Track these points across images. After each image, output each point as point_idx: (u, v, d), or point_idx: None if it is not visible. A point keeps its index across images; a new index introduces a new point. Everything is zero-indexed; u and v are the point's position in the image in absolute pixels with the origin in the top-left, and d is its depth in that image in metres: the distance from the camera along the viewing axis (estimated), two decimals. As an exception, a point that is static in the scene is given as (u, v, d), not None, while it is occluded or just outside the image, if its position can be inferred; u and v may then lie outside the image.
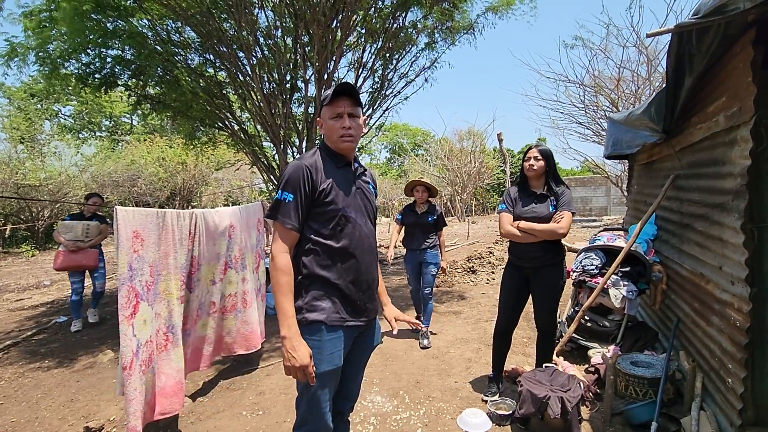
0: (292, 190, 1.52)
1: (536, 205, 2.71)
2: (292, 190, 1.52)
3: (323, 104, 1.63)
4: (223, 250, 3.13)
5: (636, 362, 2.81)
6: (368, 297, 1.68)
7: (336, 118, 1.60)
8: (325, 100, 1.62)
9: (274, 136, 6.26)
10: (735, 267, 2.06)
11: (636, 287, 3.17)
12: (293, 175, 1.53)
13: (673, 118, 2.73)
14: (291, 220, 1.53)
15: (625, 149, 4.11)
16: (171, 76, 5.62)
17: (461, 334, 4.25)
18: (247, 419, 2.76)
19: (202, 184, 16.37)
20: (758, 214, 2.05)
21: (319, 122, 1.68)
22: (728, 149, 2.18)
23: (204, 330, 3.04)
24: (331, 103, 1.59)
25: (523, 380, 2.50)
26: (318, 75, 6.01)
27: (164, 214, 2.53)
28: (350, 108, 1.60)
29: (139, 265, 2.32)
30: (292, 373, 1.46)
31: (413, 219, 4.05)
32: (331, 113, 1.60)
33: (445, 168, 20.46)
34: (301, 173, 1.53)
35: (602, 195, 19.93)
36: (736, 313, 2.05)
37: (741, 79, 1.99)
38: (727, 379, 2.15)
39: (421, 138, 31.10)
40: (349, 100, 1.60)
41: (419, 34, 6.89)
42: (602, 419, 2.54)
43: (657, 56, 8.77)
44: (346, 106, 1.59)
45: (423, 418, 2.69)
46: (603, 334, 3.41)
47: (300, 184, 1.52)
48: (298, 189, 1.52)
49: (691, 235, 2.74)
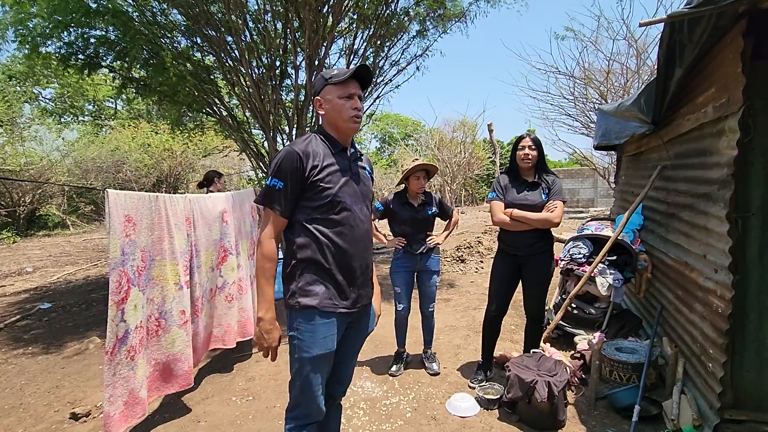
0: (282, 176, 1.51)
1: (528, 193, 2.73)
2: (283, 176, 1.51)
3: (328, 82, 1.56)
4: (218, 236, 3.10)
5: (620, 348, 2.88)
6: (362, 283, 1.68)
7: (347, 99, 1.56)
8: (331, 78, 1.57)
9: (264, 123, 6.16)
10: (719, 255, 2.11)
11: (622, 276, 3.23)
12: (285, 162, 1.51)
13: (662, 109, 2.76)
14: (281, 206, 1.52)
15: (614, 140, 4.15)
16: (157, 58, 5.45)
17: (450, 322, 4.29)
18: (236, 405, 2.76)
19: (189, 171, 16.10)
20: (743, 203, 2.10)
21: (319, 101, 1.60)
22: (716, 140, 2.21)
23: (207, 318, 3.03)
24: (343, 83, 1.55)
25: (511, 365, 2.54)
26: (309, 61, 5.91)
27: (157, 197, 2.49)
28: (359, 90, 1.60)
29: (131, 250, 2.29)
30: (261, 349, 1.57)
31: (409, 214, 3.06)
32: (341, 92, 1.56)
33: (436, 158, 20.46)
34: (292, 161, 1.51)
35: (589, 187, 20.20)
36: (718, 300, 2.10)
37: (730, 69, 2.01)
38: (707, 364, 2.22)
39: (412, 128, 30.99)
40: (357, 82, 1.60)
41: (411, 21, 6.81)
42: (587, 403, 2.61)
43: (646, 49, 8.85)
44: (357, 88, 1.58)
45: (412, 403, 2.72)
46: (589, 321, 3.48)
47: (291, 171, 1.51)
48: (288, 176, 1.51)
49: (677, 225, 2.80)
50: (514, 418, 2.48)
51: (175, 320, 2.55)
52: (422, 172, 3.04)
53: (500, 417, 2.52)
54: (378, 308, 1.90)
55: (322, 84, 1.59)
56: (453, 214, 3.29)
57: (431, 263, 3.12)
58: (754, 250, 2.11)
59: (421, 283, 3.16)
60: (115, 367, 2.17)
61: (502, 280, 2.86)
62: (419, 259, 3.09)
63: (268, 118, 6.06)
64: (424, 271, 3.13)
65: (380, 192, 23.08)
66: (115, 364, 2.16)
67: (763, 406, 2.14)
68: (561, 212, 2.64)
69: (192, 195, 2.89)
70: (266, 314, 1.54)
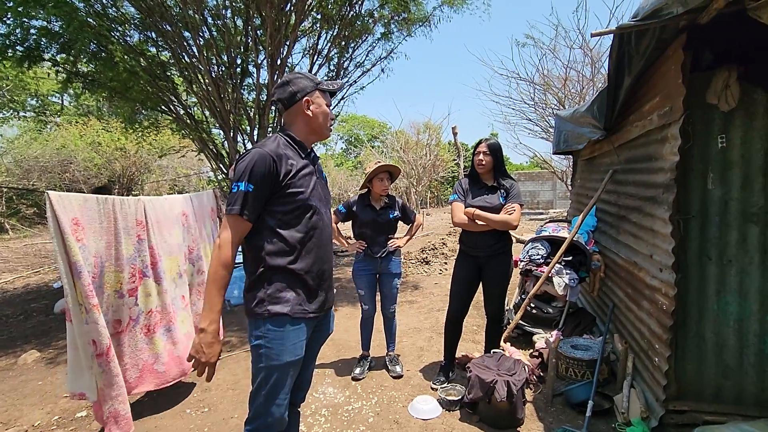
0: (254, 181, 1.45)
1: (487, 196, 2.80)
2: (255, 181, 1.45)
3: (319, 87, 1.62)
4: (180, 240, 2.96)
5: (576, 346, 2.99)
6: (328, 286, 1.68)
7: (330, 108, 1.69)
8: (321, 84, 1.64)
9: (224, 123, 5.95)
10: (663, 255, 2.23)
11: (577, 275, 3.36)
12: (257, 166, 1.45)
13: (613, 116, 2.90)
14: (248, 212, 1.46)
15: (573, 145, 4.32)
16: (106, 52, 5.15)
17: (414, 324, 4.31)
18: (191, 417, 2.63)
19: (145, 171, 15.32)
20: (684, 206, 2.23)
21: (308, 102, 1.60)
22: (660, 146, 2.34)
23: (185, 326, 2.88)
24: (326, 94, 1.66)
25: (472, 366, 2.57)
26: (271, 60, 5.77)
27: (105, 200, 2.35)
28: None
29: (85, 255, 2.17)
30: (196, 365, 1.45)
31: (370, 217, 3.04)
32: (328, 101, 1.67)
33: (402, 160, 20.62)
34: (266, 164, 1.45)
35: (549, 189, 20.99)
36: (663, 298, 2.22)
37: (672, 80, 2.13)
38: (654, 359, 2.33)
39: (378, 130, 31.06)
40: None
41: (375, 24, 6.81)
42: (544, 400, 2.68)
43: (600, 59, 9.29)
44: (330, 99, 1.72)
45: (375, 407, 2.70)
46: (547, 320, 3.59)
47: (264, 175, 1.45)
48: (261, 180, 1.45)
49: (627, 227, 2.94)
50: (474, 418, 2.51)
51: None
52: (385, 174, 3.03)
53: (461, 418, 2.54)
54: None
55: (312, 87, 1.60)
56: (415, 218, 3.30)
57: (392, 266, 3.13)
58: (694, 250, 2.25)
59: (382, 286, 3.17)
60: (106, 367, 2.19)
61: (463, 281, 2.90)
62: (380, 262, 3.09)
63: (228, 117, 5.87)
64: (386, 273, 3.13)
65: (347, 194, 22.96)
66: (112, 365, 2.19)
67: (703, 396, 2.28)
68: (518, 215, 2.71)
69: (146, 197, 2.74)
70: (210, 326, 1.42)
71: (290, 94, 1.59)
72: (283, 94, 1.60)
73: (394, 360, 3.23)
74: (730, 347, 2.24)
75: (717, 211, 2.21)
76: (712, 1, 1.65)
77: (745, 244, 2.18)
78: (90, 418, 2.66)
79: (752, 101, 2.13)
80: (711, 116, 2.19)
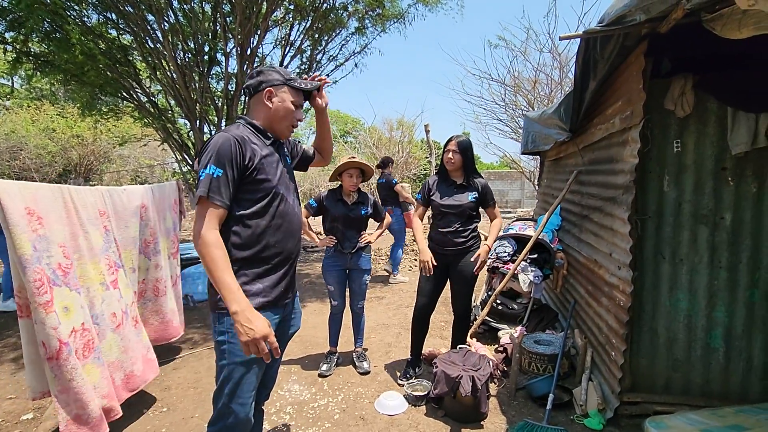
0: (221, 164, 1.39)
1: (457, 195, 2.83)
2: (222, 164, 1.39)
3: (288, 84, 1.57)
4: (137, 234, 2.82)
5: (539, 341, 3.07)
6: (292, 276, 1.66)
7: (297, 107, 1.60)
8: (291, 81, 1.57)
9: (189, 112, 5.73)
10: (621, 254, 2.32)
11: (542, 273, 3.46)
12: (223, 149, 1.39)
13: (578, 118, 2.98)
14: (221, 196, 1.39)
15: (541, 146, 4.43)
16: (61, 32, 4.84)
17: (383, 320, 4.31)
18: (148, 417, 2.53)
19: (104, 161, 14.56)
20: (642, 207, 2.33)
21: (271, 93, 1.55)
22: (621, 149, 2.43)
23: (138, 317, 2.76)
24: (298, 93, 1.59)
25: (438, 362, 2.60)
26: (240, 49, 5.60)
27: (59, 188, 2.21)
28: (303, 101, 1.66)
29: (45, 246, 2.02)
30: (252, 348, 1.35)
31: (342, 212, 3.01)
32: (296, 99, 1.59)
33: (374, 157, 20.60)
34: (230, 146, 1.40)
35: (517, 189, 21.55)
36: (620, 294, 2.31)
37: (634, 86, 2.22)
38: (611, 353, 2.43)
39: (351, 125, 30.86)
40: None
41: (350, 18, 6.74)
42: (508, 394, 2.75)
43: (568, 63, 9.58)
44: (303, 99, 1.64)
45: (341, 404, 2.68)
46: (512, 316, 3.68)
47: (230, 158, 1.40)
48: (228, 164, 1.40)
49: (589, 226, 3.04)
50: (440, 413, 2.54)
51: (108, 324, 2.34)
52: (356, 171, 3.00)
53: (427, 413, 2.56)
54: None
55: (280, 81, 1.55)
56: (385, 215, 3.34)
57: (362, 262, 3.12)
58: (649, 249, 2.35)
59: (351, 282, 3.16)
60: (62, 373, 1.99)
61: (429, 278, 2.92)
62: (350, 257, 3.07)
63: (194, 107, 5.66)
64: (355, 269, 3.12)
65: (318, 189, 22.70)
66: (56, 367, 1.98)
67: (654, 388, 2.40)
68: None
69: (103, 187, 2.60)
70: (239, 305, 1.33)
71: (257, 82, 1.57)
72: (252, 81, 1.58)
73: (361, 356, 3.23)
74: (679, 341, 2.36)
75: (671, 212, 2.33)
76: (672, 12, 1.72)
77: (696, 244, 2.31)
78: (36, 421, 2.50)
79: (705, 109, 2.25)
80: (668, 121, 2.29)
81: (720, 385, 2.35)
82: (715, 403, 2.29)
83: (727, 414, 2.14)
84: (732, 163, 2.24)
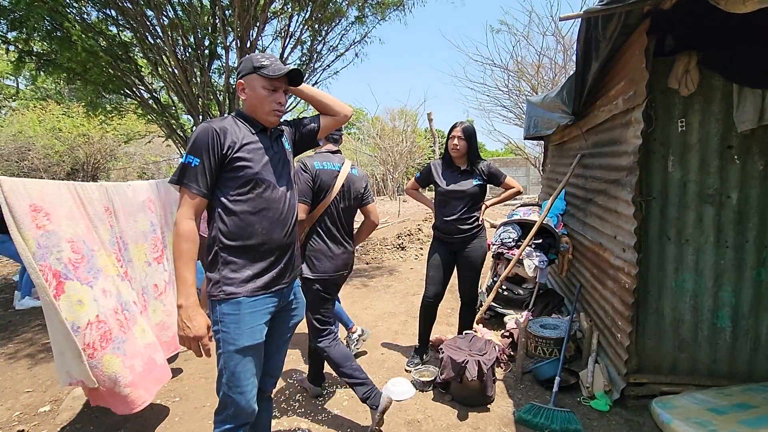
0: (198, 153, 1.43)
1: (462, 180, 2.83)
2: (198, 153, 1.43)
3: (256, 72, 1.51)
4: (147, 228, 2.86)
5: (544, 325, 3.08)
6: (287, 265, 1.63)
7: (271, 91, 1.54)
8: (261, 69, 1.51)
9: (192, 107, 5.75)
10: (626, 236, 2.31)
11: (547, 257, 3.45)
12: (200, 138, 1.43)
13: (581, 101, 2.95)
14: (197, 185, 1.42)
15: (543, 130, 4.39)
16: (62, 31, 4.85)
17: (389, 308, 4.34)
18: (161, 407, 2.59)
19: (111, 159, 14.68)
20: (646, 188, 2.31)
21: (242, 85, 1.55)
22: (625, 130, 2.40)
23: (156, 316, 2.79)
24: (272, 80, 1.52)
25: (444, 347, 2.62)
26: (240, 42, 5.59)
27: (66, 183, 2.25)
28: (285, 84, 1.59)
29: (54, 242, 2.04)
30: (185, 343, 1.43)
31: None
32: (266, 83, 1.53)
33: (378, 147, 20.55)
34: (208, 136, 1.43)
35: (522, 175, 21.41)
36: (625, 277, 2.30)
37: (636, 65, 2.18)
38: (616, 335, 2.43)
39: (355, 116, 30.74)
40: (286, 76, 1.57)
41: (349, 7, 6.68)
42: (514, 378, 2.77)
43: (572, 46, 9.44)
44: (283, 82, 1.57)
45: (349, 391, 2.72)
46: (518, 301, 3.69)
47: (207, 147, 1.43)
48: (205, 152, 1.43)
49: (593, 209, 3.02)
50: (447, 397, 2.57)
51: (134, 310, 2.41)
52: None
53: (434, 398, 2.59)
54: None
55: (249, 69, 1.53)
56: None
57: None
58: (654, 231, 2.34)
59: None
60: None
61: (438, 266, 2.93)
62: None
63: (196, 102, 5.67)
64: None
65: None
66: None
67: (660, 369, 2.40)
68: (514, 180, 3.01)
69: (108, 183, 2.63)
70: (186, 300, 1.39)
71: (237, 73, 1.58)
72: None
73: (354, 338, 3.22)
74: (686, 322, 2.36)
75: (676, 193, 2.30)
76: (674, -14, 1.68)
77: (701, 224, 2.29)
78: (53, 413, 2.57)
79: (710, 86, 2.21)
80: (672, 101, 2.26)
81: (727, 364, 2.35)
82: (722, 383, 2.29)
83: (734, 393, 2.14)
84: (738, 141, 2.21)
